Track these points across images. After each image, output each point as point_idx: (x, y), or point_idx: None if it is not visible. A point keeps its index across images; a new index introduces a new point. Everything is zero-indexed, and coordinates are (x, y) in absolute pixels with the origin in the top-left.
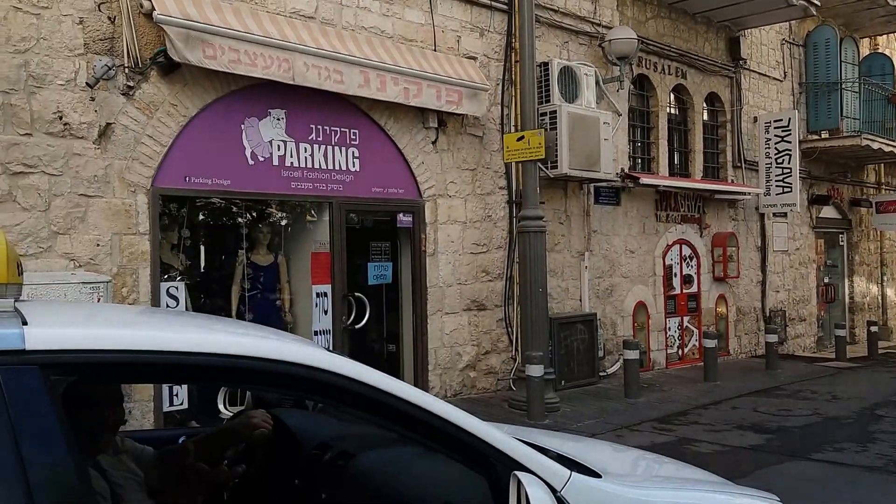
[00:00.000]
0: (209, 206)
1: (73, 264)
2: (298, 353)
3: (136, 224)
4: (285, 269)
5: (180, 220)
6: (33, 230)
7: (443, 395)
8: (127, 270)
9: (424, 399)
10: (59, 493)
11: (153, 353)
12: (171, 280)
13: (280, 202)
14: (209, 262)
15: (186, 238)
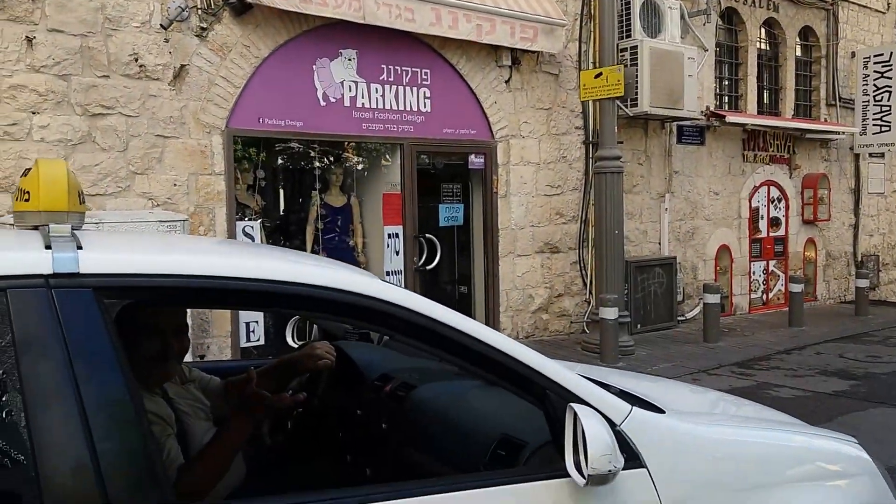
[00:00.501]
0: (283, 147)
1: (151, 203)
2: (353, 281)
3: (212, 164)
4: (358, 211)
5: (255, 161)
6: (112, 170)
7: (514, 336)
8: (203, 210)
9: (480, 330)
10: (112, 413)
11: (205, 279)
12: (246, 220)
13: (352, 144)
14: (284, 202)
15: (261, 179)
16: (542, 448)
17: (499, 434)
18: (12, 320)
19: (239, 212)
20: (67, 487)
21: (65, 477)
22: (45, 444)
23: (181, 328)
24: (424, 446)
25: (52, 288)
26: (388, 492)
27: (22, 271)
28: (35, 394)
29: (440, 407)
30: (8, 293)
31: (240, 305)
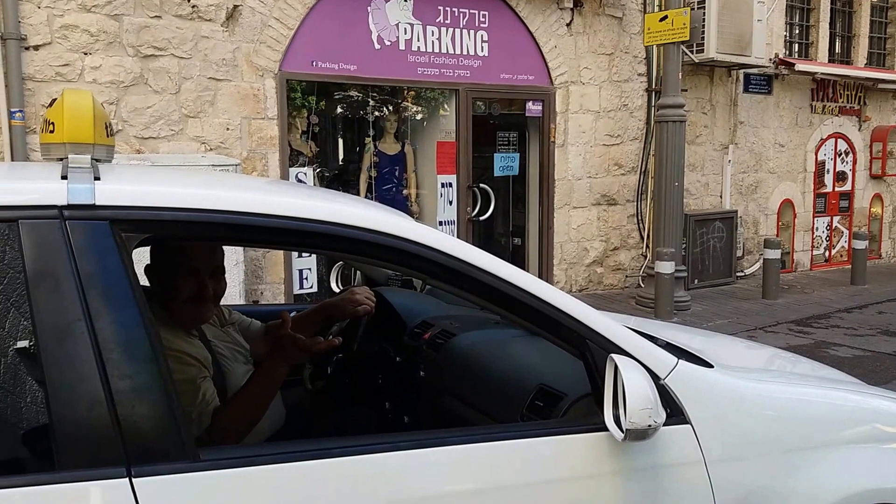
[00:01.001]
0: (336, 91)
1: (205, 148)
2: (383, 220)
3: (265, 109)
4: (412, 159)
5: (308, 105)
6: (165, 113)
7: (567, 289)
8: (256, 155)
9: (518, 276)
10: (126, 351)
11: (226, 214)
12: (300, 166)
13: (406, 89)
14: (337, 149)
15: (315, 124)
16: (581, 400)
17: (537, 385)
18: (24, 252)
19: (292, 158)
20: (80, 425)
21: (77, 415)
22: (56, 382)
23: (218, 270)
24: (462, 395)
25: (66, 219)
26: (422, 439)
27: (35, 202)
28: (46, 329)
29: (479, 356)
30: (20, 224)
31: (260, 242)
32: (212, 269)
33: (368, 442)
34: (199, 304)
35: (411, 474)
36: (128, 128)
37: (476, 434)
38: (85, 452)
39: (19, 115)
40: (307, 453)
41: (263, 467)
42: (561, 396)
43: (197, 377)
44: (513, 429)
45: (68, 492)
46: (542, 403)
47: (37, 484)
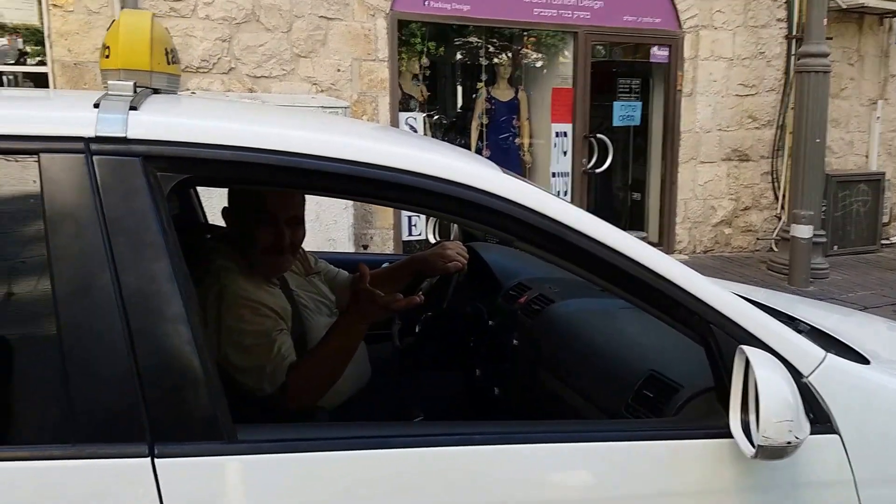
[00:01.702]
0: (449, 33)
1: (315, 89)
2: (464, 170)
3: (376, 50)
4: (525, 106)
5: (420, 48)
6: (276, 52)
7: (691, 250)
8: (367, 98)
9: (626, 243)
10: (153, 305)
11: (277, 154)
12: (410, 111)
13: (521, 31)
14: (448, 94)
15: (426, 67)
16: (700, 396)
17: (647, 371)
18: (43, 191)
19: (403, 103)
20: (98, 392)
21: (96, 380)
22: (74, 342)
23: (296, 218)
24: (558, 371)
25: (93, 154)
26: (507, 433)
27: (59, 132)
28: (65, 281)
29: (580, 328)
30: (41, 158)
31: (316, 189)
32: (290, 216)
33: (433, 432)
34: (276, 254)
35: (481, 477)
36: (240, 66)
37: (567, 431)
38: (103, 425)
39: None
40: (364, 441)
41: (314, 455)
42: (675, 388)
43: (273, 330)
44: (617, 427)
45: (81, 468)
46: (652, 394)
47: (48, 458)
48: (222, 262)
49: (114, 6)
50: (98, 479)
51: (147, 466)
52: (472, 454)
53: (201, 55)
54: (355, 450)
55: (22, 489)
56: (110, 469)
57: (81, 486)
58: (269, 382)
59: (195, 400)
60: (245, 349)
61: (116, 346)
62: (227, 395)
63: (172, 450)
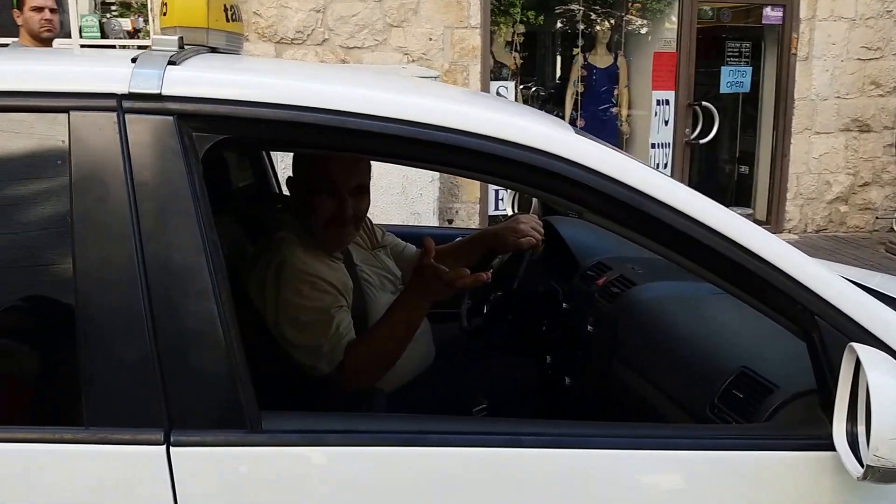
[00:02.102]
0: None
1: (407, 59)
2: (524, 128)
3: (468, 17)
4: (625, 72)
5: (514, 14)
6: (369, 22)
7: (801, 230)
8: (458, 67)
9: (716, 215)
10: (182, 282)
11: (324, 113)
12: (502, 80)
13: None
14: (543, 61)
15: (520, 34)
16: (798, 399)
17: (738, 367)
18: (71, 151)
19: (494, 71)
20: (115, 371)
21: (113, 358)
22: (92, 316)
23: (361, 188)
24: (636, 363)
25: (125, 112)
26: (575, 435)
27: (91, 88)
28: (87, 248)
29: (663, 315)
30: (70, 115)
31: (369, 152)
32: (353, 186)
33: (528, 430)
34: (338, 226)
35: (528, 485)
36: (333, 37)
37: (636, 436)
38: (117, 407)
39: None
40: (408, 437)
41: (346, 449)
42: (769, 389)
43: (332, 306)
44: (697, 433)
45: (92, 453)
46: (742, 394)
47: (58, 441)
48: (284, 234)
49: None
50: (109, 466)
51: (161, 455)
52: (521, 458)
53: (296, 27)
54: (391, 446)
55: (31, 471)
56: (122, 455)
57: (91, 472)
58: (327, 361)
59: (218, 384)
60: (302, 325)
61: (135, 322)
62: (282, 374)
63: (190, 438)
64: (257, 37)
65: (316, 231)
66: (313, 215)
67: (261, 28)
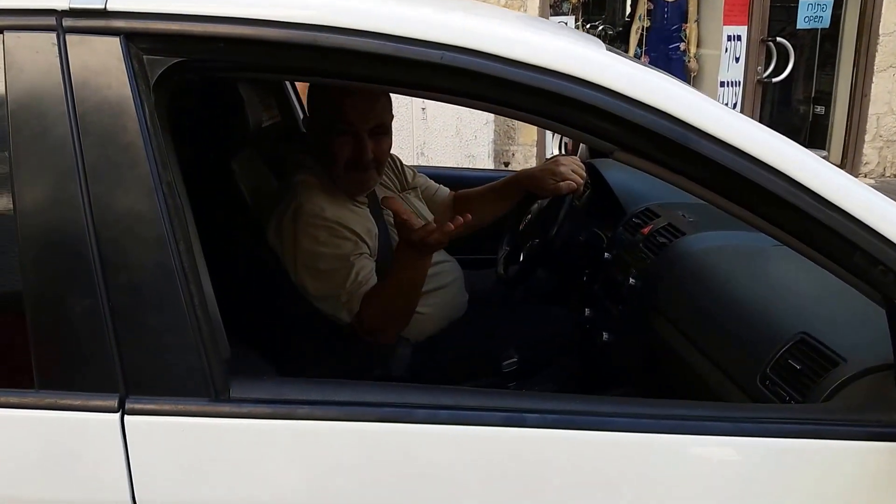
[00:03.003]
0: None
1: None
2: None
3: None
4: (695, 6)
5: None
6: None
7: (879, 174)
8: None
9: (777, 150)
10: (132, 229)
11: (294, 28)
12: (562, 14)
13: None
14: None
15: None
16: (869, 375)
17: (797, 333)
18: (6, 78)
19: (555, 6)
20: (63, 328)
21: (60, 313)
22: (35, 265)
23: (380, 127)
24: (680, 322)
25: (65, 32)
26: (590, 413)
27: (27, 4)
28: (26, 191)
29: (713, 269)
30: (4, 35)
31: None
32: (372, 126)
33: (477, 404)
34: (359, 170)
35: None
36: None
37: (669, 416)
38: (67, 370)
39: None
40: (393, 411)
41: (319, 424)
42: (834, 361)
43: (351, 253)
44: (737, 414)
45: (39, 418)
46: (800, 365)
47: (4, 405)
48: (302, 177)
49: None
50: (58, 433)
51: (115, 423)
52: (523, 439)
53: None
54: (370, 421)
55: None
56: (73, 422)
57: (39, 438)
58: (346, 311)
59: (178, 346)
60: (321, 273)
61: (84, 274)
62: (306, 323)
63: (146, 405)
64: None
65: (336, 175)
66: (332, 158)
67: None
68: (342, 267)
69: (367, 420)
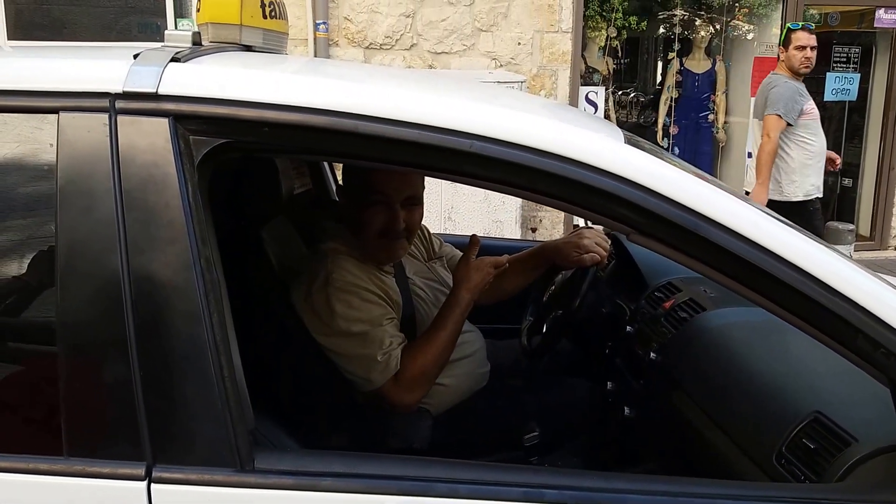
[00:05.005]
0: (640, 1)
1: (495, 63)
2: (571, 141)
3: (559, 21)
4: (723, 78)
5: (607, 18)
6: (458, 26)
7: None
8: (546, 72)
9: (782, 238)
10: (169, 301)
11: (336, 116)
12: (592, 84)
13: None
14: (637, 66)
15: (613, 38)
16: (880, 455)
17: (811, 411)
18: (58, 155)
19: (586, 76)
20: (96, 397)
21: (95, 382)
22: (71, 335)
23: (412, 199)
24: (700, 398)
25: (117, 113)
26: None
27: (83, 87)
28: (69, 262)
29: (733, 346)
30: (60, 117)
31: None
32: (405, 198)
33: (496, 479)
34: (390, 239)
35: None
36: (422, 42)
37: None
38: (97, 437)
39: (323, 26)
40: (415, 485)
41: (344, 496)
42: (846, 440)
43: (383, 317)
44: (749, 493)
45: (68, 486)
46: (814, 445)
47: (32, 472)
48: (333, 245)
49: None
50: (86, 500)
51: (142, 491)
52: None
53: (385, 31)
54: (393, 494)
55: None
56: (101, 490)
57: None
58: (381, 371)
59: (206, 417)
60: (355, 336)
61: (118, 344)
62: (327, 393)
63: (173, 474)
64: (347, 42)
65: (366, 243)
66: (363, 227)
67: (350, 33)
68: (375, 330)
69: (389, 493)
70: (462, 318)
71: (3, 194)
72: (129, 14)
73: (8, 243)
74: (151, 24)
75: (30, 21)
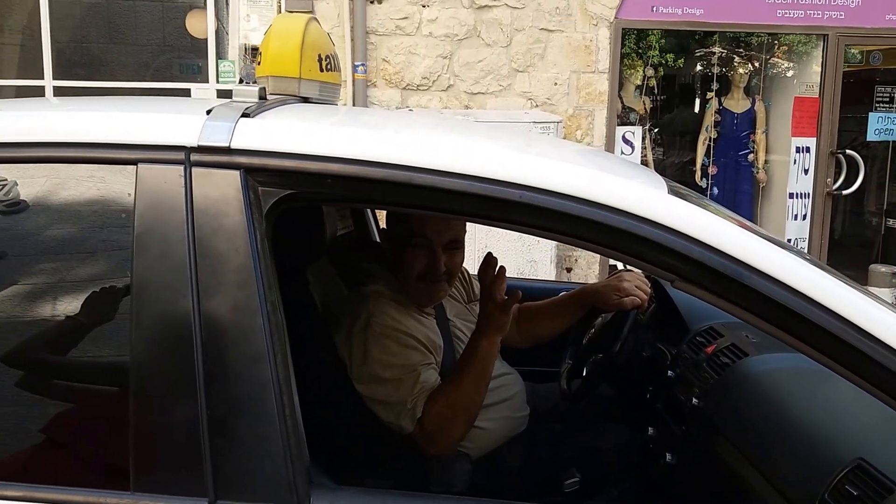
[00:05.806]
0: (678, 41)
1: (530, 104)
2: (614, 191)
3: (596, 62)
4: (763, 118)
5: (644, 57)
6: (494, 67)
7: None
8: (582, 112)
9: (825, 288)
10: (236, 346)
11: (386, 168)
12: (629, 124)
13: (762, 35)
14: (674, 106)
15: (650, 78)
16: None
17: (854, 458)
18: (136, 204)
19: (622, 116)
20: (162, 435)
21: (162, 420)
22: (143, 374)
23: (454, 243)
24: (742, 445)
25: (192, 165)
26: None
27: (161, 140)
28: (143, 306)
29: (774, 391)
30: (138, 168)
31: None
32: (447, 241)
33: None
34: (431, 282)
35: None
36: (458, 83)
37: None
38: (164, 473)
39: (362, 68)
40: None
41: None
42: (890, 487)
43: (419, 363)
44: None
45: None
46: (856, 491)
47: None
48: (374, 287)
49: (344, 24)
50: None
51: None
52: None
53: (422, 73)
54: None
55: None
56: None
57: None
58: (410, 418)
59: (267, 455)
60: (386, 382)
61: (187, 385)
62: (368, 434)
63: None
64: (385, 83)
65: (407, 285)
66: (405, 269)
67: (388, 74)
68: (408, 376)
69: None
70: (482, 364)
71: (77, 237)
72: (166, 53)
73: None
74: (193, 66)
75: (70, 59)
